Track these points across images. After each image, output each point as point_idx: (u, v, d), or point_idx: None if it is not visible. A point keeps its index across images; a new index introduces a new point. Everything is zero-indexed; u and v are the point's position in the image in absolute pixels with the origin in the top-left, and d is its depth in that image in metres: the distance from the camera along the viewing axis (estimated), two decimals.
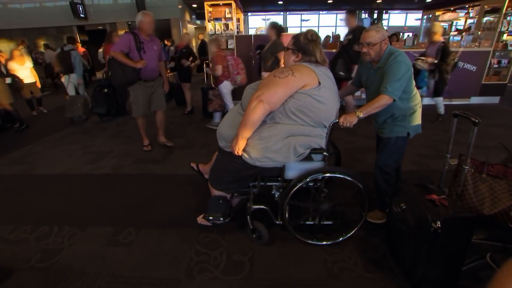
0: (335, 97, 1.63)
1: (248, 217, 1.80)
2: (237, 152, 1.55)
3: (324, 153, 1.64)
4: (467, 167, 1.44)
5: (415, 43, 6.34)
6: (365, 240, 1.87)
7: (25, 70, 5.18)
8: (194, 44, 11.67)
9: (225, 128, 1.70)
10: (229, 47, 5.13)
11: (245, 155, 1.57)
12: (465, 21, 6.24)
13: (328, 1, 12.97)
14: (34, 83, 5.38)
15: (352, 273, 1.62)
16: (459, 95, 5.45)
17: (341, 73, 3.95)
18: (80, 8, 10.19)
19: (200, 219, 2.02)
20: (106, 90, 4.82)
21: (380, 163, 1.90)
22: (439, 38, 3.94)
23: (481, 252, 1.59)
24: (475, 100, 5.49)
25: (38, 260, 1.77)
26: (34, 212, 2.29)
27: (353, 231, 1.82)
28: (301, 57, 1.61)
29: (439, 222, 1.27)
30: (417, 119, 1.82)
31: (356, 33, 3.69)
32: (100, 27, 11.30)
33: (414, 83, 1.77)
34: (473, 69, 5.22)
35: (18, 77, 4.96)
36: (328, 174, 1.65)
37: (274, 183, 1.78)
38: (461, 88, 5.37)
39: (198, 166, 2.28)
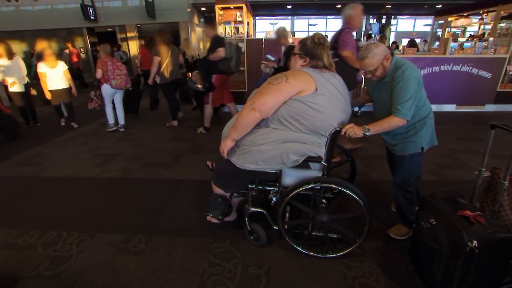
0: (336, 104, 1.53)
1: (246, 218, 1.81)
2: (223, 152, 1.59)
3: (322, 162, 1.57)
4: (506, 183, 1.34)
5: (427, 49, 6.25)
6: (385, 254, 1.78)
7: (56, 73, 4.35)
8: (201, 47, 11.73)
9: (228, 129, 1.70)
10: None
11: (234, 159, 1.60)
12: (479, 27, 6.12)
13: (337, 6, 12.91)
14: (68, 89, 4.54)
15: None
16: (473, 102, 5.33)
17: (198, 85, 3.83)
18: (91, 11, 10.28)
19: (208, 217, 2.05)
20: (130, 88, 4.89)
21: (399, 182, 1.79)
22: (286, 42, 3.79)
23: None
24: (489, 107, 5.35)
25: (46, 268, 1.70)
26: (42, 216, 2.24)
27: (345, 251, 1.73)
28: (309, 62, 1.57)
29: (475, 242, 1.17)
30: (430, 131, 1.72)
31: (212, 42, 3.64)
32: (110, 29, 11.40)
33: (424, 93, 1.66)
34: (488, 76, 5.10)
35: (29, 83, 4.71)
36: (325, 185, 1.59)
37: (272, 188, 1.76)
38: (475, 95, 5.25)
39: (213, 165, 2.21)
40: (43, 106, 5.96)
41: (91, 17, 10.36)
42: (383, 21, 15.99)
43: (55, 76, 4.37)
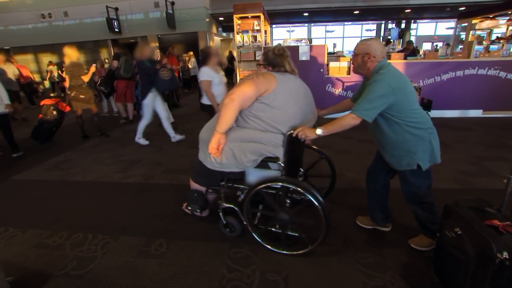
0: (295, 104, 1.66)
1: (220, 213, 1.96)
2: (218, 148, 1.61)
3: (279, 162, 1.66)
4: None
5: (450, 53, 6.03)
6: (408, 264, 1.72)
7: (221, 80, 3.22)
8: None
9: (204, 131, 1.84)
10: (257, 58, 5.17)
11: (204, 160, 1.76)
12: (507, 28, 5.86)
13: (354, 12, 12.83)
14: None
15: None
16: (502, 107, 5.07)
17: (102, 87, 5.37)
18: (115, 23, 10.84)
19: (184, 207, 2.28)
20: None
21: (408, 195, 1.73)
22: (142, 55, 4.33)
23: None
24: None
25: (74, 268, 1.79)
26: (69, 218, 2.36)
27: (298, 252, 1.78)
28: (271, 70, 1.75)
29: (506, 253, 1.12)
30: (428, 149, 1.58)
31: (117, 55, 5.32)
32: (132, 40, 11.94)
33: (415, 106, 1.55)
34: None
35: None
36: (280, 184, 1.67)
37: (241, 186, 1.90)
38: (504, 99, 5.00)
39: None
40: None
41: (116, 30, 10.93)
42: (403, 25, 15.65)
43: (220, 84, 3.17)
